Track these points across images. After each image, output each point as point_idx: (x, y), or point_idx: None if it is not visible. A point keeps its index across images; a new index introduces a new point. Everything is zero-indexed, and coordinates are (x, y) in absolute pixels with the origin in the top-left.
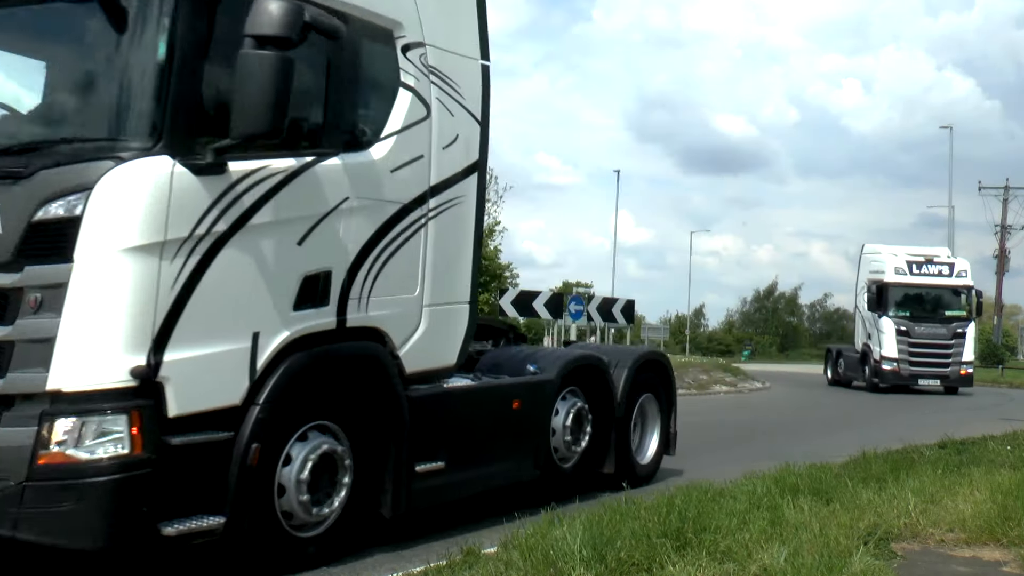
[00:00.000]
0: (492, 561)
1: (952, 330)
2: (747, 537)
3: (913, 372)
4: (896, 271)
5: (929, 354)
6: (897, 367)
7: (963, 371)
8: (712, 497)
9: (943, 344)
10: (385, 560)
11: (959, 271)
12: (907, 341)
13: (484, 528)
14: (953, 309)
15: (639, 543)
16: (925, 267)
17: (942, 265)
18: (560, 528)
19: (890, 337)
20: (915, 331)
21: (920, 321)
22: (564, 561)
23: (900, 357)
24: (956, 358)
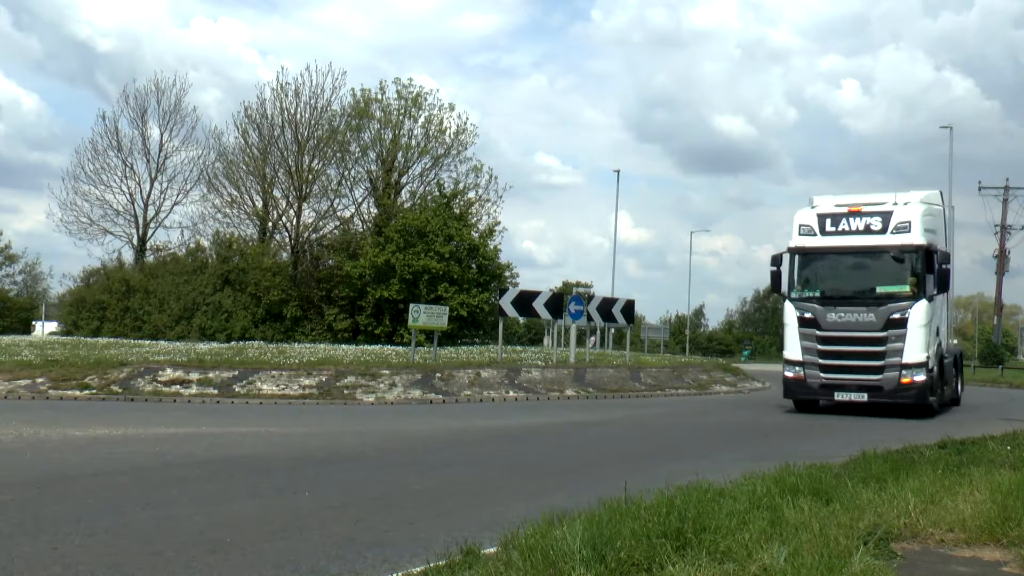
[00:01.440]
0: (492, 561)
1: (885, 316)
2: (747, 537)
3: (825, 381)
4: (802, 230)
5: (848, 354)
6: (801, 374)
7: (906, 378)
8: (712, 497)
9: (870, 338)
10: (385, 560)
11: (899, 223)
12: (815, 335)
13: (484, 528)
14: (888, 283)
15: (639, 543)
16: (847, 221)
17: (873, 216)
18: (560, 528)
19: (791, 330)
20: (827, 319)
21: (836, 304)
22: (564, 561)
23: (806, 359)
24: (893, 358)
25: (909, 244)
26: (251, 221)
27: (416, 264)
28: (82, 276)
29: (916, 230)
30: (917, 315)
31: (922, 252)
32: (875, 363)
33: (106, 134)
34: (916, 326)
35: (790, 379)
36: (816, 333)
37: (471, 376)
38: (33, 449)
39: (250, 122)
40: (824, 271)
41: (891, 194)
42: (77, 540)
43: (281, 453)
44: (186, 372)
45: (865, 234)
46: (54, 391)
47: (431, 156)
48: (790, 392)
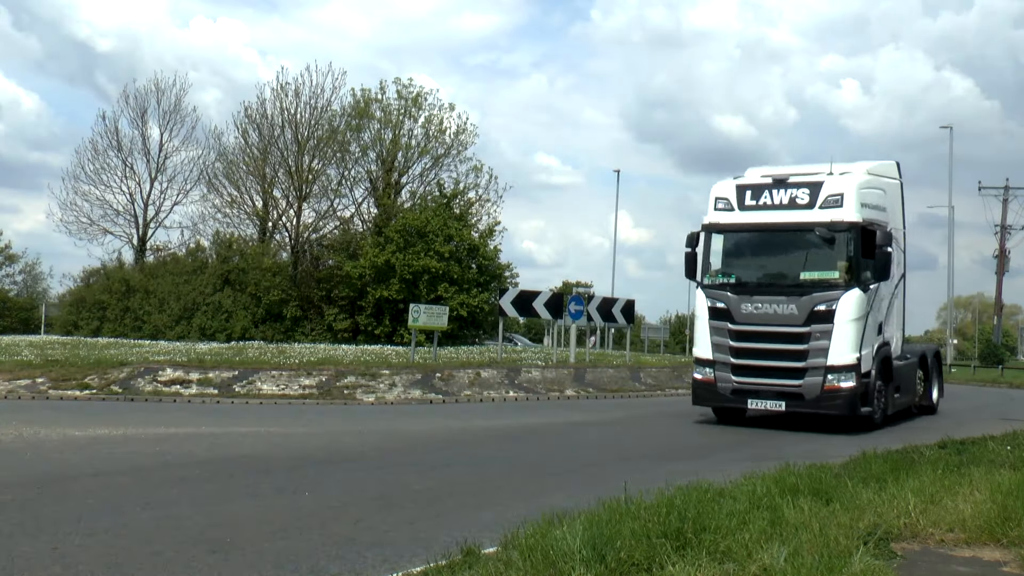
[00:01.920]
0: (492, 561)
1: (808, 308)
2: (747, 537)
3: (737, 386)
4: (719, 204)
5: (765, 352)
6: (711, 376)
7: (833, 384)
8: (712, 497)
9: (790, 334)
10: (385, 560)
11: (830, 196)
12: (727, 329)
13: (484, 528)
14: (815, 268)
15: (639, 543)
16: (770, 194)
17: (800, 188)
18: (560, 528)
19: (702, 324)
20: (741, 311)
21: (753, 293)
22: (564, 561)
23: (717, 359)
24: (816, 359)
25: (840, 221)
26: (251, 221)
27: (416, 264)
28: (82, 276)
29: (850, 204)
30: (846, 307)
31: (856, 231)
32: (795, 365)
33: (106, 134)
34: (845, 320)
35: (699, 382)
36: (729, 327)
37: (471, 376)
38: (33, 449)
39: (250, 122)
40: (741, 253)
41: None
42: (77, 540)
43: (281, 453)
44: (186, 372)
45: (790, 209)
46: (54, 391)
47: (431, 156)
48: (699, 398)
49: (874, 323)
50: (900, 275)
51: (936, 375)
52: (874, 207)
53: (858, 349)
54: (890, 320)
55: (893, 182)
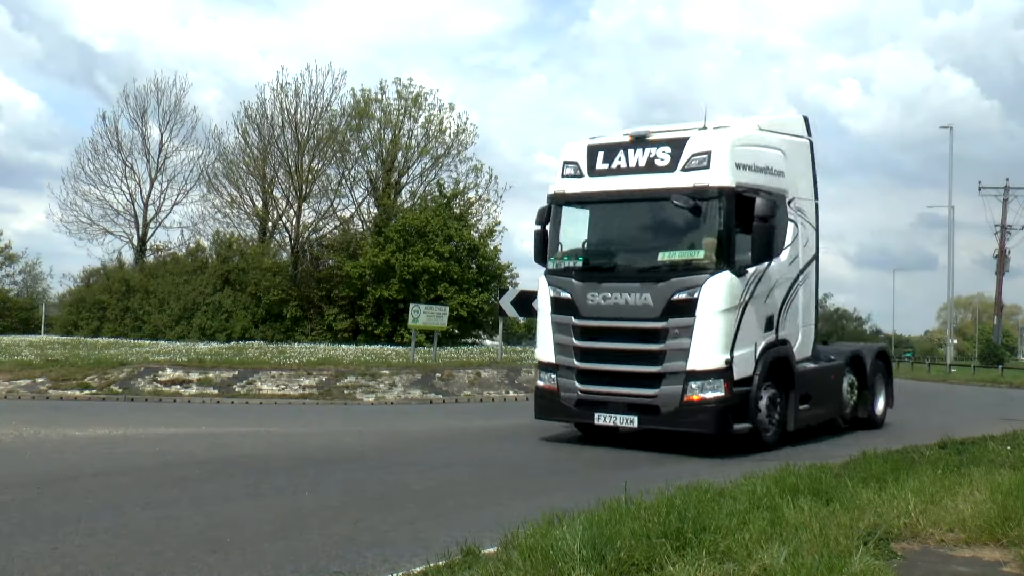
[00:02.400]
0: (492, 561)
1: (665, 297)
2: (747, 537)
3: (583, 395)
4: (566, 170)
5: (614, 354)
6: (554, 384)
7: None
8: (712, 497)
9: (643, 330)
10: (385, 560)
11: (695, 155)
12: (571, 325)
13: (484, 528)
14: (674, 247)
15: (639, 543)
16: (624, 155)
17: (661, 147)
18: (560, 528)
19: (543, 318)
20: (587, 303)
21: (601, 280)
22: (564, 561)
23: (560, 362)
24: (675, 362)
25: (705, 186)
26: (251, 221)
27: (416, 264)
28: (82, 276)
29: (720, 165)
30: (712, 295)
31: (727, 198)
32: (649, 369)
33: (106, 134)
34: (710, 312)
35: (541, 390)
36: (573, 323)
37: (471, 376)
38: (33, 449)
39: (250, 122)
40: (591, 231)
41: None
42: (77, 540)
43: (281, 453)
44: (186, 372)
45: (647, 172)
46: (54, 391)
47: (431, 156)
48: (541, 410)
49: (758, 316)
50: (810, 257)
51: (882, 382)
52: (760, 170)
53: (728, 349)
54: (790, 313)
55: (797, 140)
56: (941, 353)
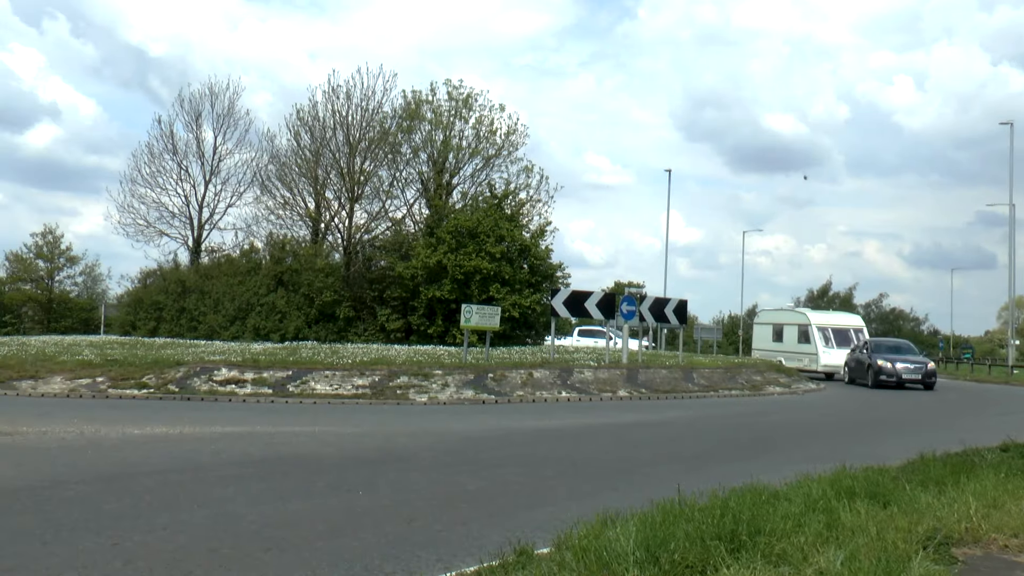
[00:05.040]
0: (545, 561)
1: None
2: (802, 540)
3: None
4: None
5: None
6: None
7: None
8: (766, 499)
9: None
10: (439, 559)
11: None
12: None
13: (537, 528)
14: None
15: (693, 545)
16: None
17: None
18: (613, 529)
19: None
20: None
21: None
22: (617, 562)
23: None
24: None
25: None
26: (304, 223)
27: (468, 264)
28: (139, 277)
29: None
30: None
31: None
32: None
33: (161, 138)
34: None
35: None
36: None
37: (523, 376)
38: (94, 447)
39: (302, 124)
40: None
41: None
42: (137, 536)
43: (335, 453)
44: (241, 372)
45: None
46: (113, 390)
47: (482, 157)
48: None
49: None
50: None
51: None
52: None
53: None
54: None
55: None
56: (1002, 354)
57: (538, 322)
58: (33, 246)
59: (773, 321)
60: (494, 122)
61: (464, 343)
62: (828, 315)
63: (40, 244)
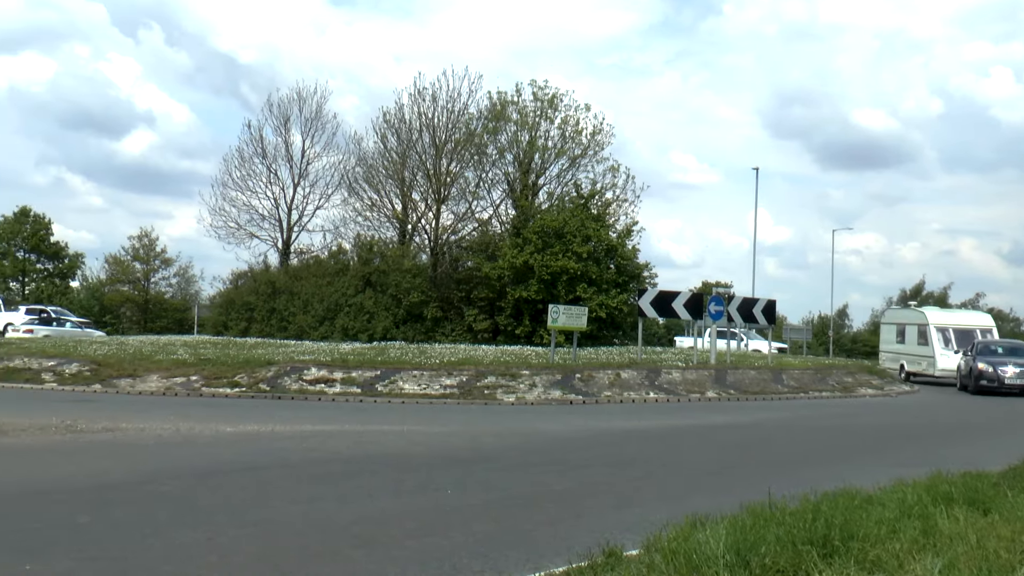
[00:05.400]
0: (634, 563)
1: None
2: (897, 547)
3: None
4: None
5: None
6: None
7: None
8: (859, 504)
9: None
10: (526, 559)
11: None
12: None
13: (625, 530)
14: None
15: (784, 549)
16: None
17: None
18: (703, 532)
19: None
20: None
21: None
22: (707, 565)
23: None
24: None
25: None
26: (391, 224)
27: (554, 265)
28: (231, 278)
29: None
30: None
31: None
32: None
33: (251, 142)
34: None
35: None
36: None
37: (611, 377)
38: (188, 444)
39: (388, 127)
40: None
41: None
42: (230, 531)
43: (423, 451)
44: (330, 371)
45: None
46: (207, 388)
47: (568, 157)
48: None
49: None
50: None
51: None
52: None
53: None
54: None
55: None
56: None
57: (625, 323)
58: (130, 249)
59: (896, 321)
60: (579, 122)
61: (551, 343)
62: (950, 314)
63: (137, 247)
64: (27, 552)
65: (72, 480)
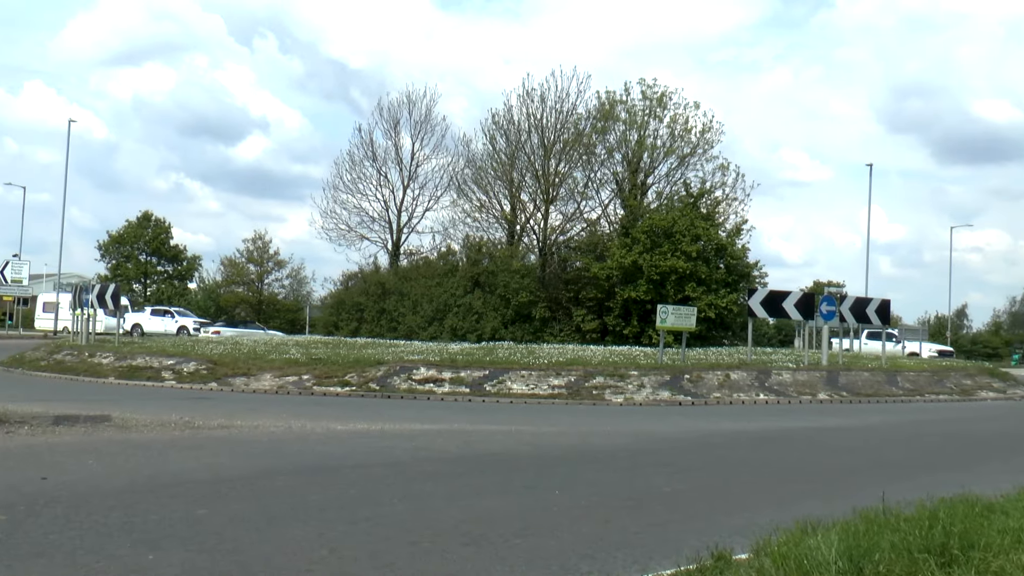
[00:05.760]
0: (743, 568)
1: None
2: (1023, 558)
3: None
4: None
5: None
6: None
7: None
8: (980, 512)
9: None
10: (633, 561)
11: None
12: None
13: (734, 533)
14: None
15: (899, 557)
16: None
17: None
18: (814, 537)
19: None
20: None
21: None
22: (819, 572)
23: None
24: None
25: None
26: (499, 225)
27: (663, 264)
28: (341, 280)
29: None
30: None
31: None
32: None
33: (362, 145)
34: None
35: None
36: None
37: (720, 378)
38: (300, 441)
39: (497, 128)
40: None
41: None
42: (341, 527)
43: (531, 451)
44: (439, 371)
45: None
46: (318, 387)
47: (677, 156)
48: None
49: None
50: None
51: None
52: None
53: None
54: None
55: None
56: None
57: (734, 323)
58: (245, 251)
59: None
60: (689, 120)
61: (660, 344)
62: None
63: (251, 249)
64: (149, 543)
65: (190, 474)
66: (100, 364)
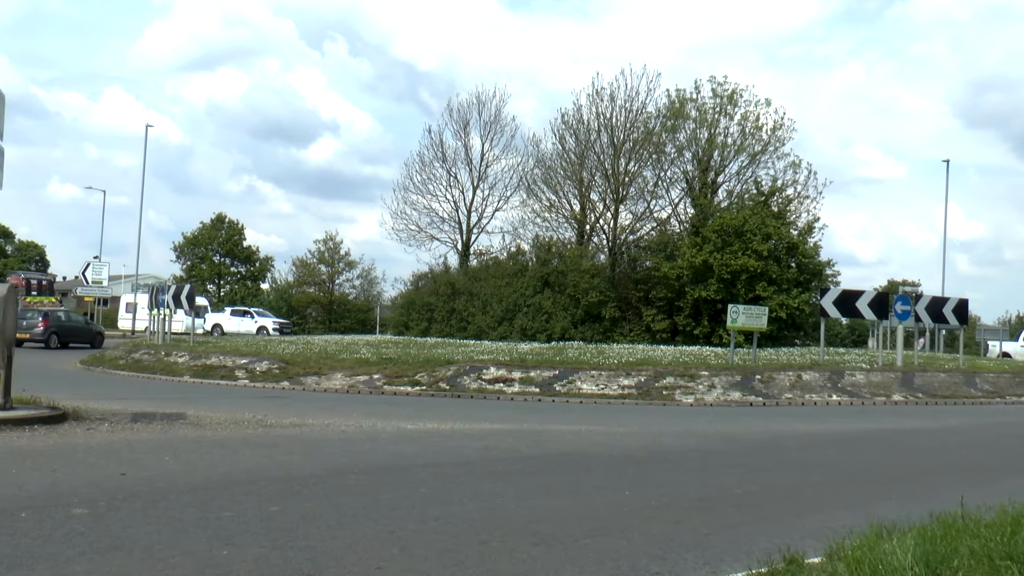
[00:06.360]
0: (816, 572)
1: None
2: None
3: None
4: None
5: None
6: None
7: None
8: None
9: None
10: (704, 562)
11: None
12: None
13: (806, 536)
14: None
15: (979, 563)
16: None
17: None
18: (889, 542)
19: None
20: None
21: None
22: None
23: None
24: None
25: None
26: (569, 224)
27: (734, 264)
28: (411, 280)
29: None
30: None
31: None
32: None
33: (431, 146)
34: None
35: None
36: None
37: (792, 378)
38: (371, 440)
39: (566, 128)
40: None
41: None
42: (411, 525)
43: (601, 451)
44: (508, 371)
45: None
46: (388, 387)
47: (747, 154)
48: None
49: None
50: None
51: None
52: None
53: None
54: None
55: None
56: None
57: (806, 323)
58: (316, 252)
59: None
60: (759, 118)
61: (731, 344)
62: None
63: (322, 250)
64: (224, 539)
65: (263, 471)
66: (176, 363)
